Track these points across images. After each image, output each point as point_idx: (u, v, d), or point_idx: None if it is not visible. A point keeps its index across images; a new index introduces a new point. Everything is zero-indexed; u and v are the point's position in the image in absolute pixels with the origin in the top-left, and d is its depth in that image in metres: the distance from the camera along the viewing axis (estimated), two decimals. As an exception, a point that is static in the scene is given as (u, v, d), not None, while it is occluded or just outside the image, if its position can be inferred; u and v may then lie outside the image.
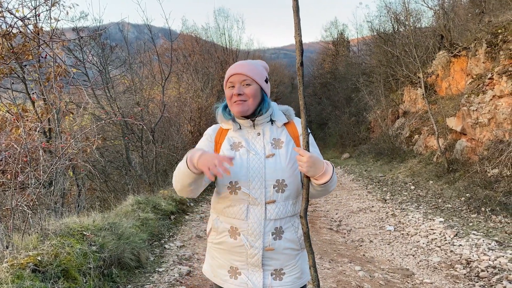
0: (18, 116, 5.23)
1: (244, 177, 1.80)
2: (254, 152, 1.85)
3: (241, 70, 1.86)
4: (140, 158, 10.48)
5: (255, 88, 1.87)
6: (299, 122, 1.97)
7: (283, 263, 1.86)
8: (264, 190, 1.80)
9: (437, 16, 16.53)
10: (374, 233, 6.82)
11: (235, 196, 1.82)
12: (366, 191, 10.81)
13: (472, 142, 9.85)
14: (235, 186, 1.81)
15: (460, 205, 7.72)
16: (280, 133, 1.92)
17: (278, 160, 1.84)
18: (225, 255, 1.90)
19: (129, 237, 4.56)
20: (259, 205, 1.81)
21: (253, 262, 1.83)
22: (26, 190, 4.41)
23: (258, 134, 1.90)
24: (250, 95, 1.85)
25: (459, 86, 13.09)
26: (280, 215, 1.83)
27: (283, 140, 1.90)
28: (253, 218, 1.81)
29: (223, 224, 1.88)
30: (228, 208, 1.85)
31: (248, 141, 1.89)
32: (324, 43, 41.14)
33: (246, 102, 1.85)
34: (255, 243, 1.81)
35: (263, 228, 1.81)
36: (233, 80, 1.86)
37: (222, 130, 1.97)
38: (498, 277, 4.58)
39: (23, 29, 4.94)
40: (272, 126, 1.93)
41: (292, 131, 1.95)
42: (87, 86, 6.39)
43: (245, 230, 1.82)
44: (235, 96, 1.85)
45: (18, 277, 2.85)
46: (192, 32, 27.72)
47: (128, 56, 12.70)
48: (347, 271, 4.87)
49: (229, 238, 1.86)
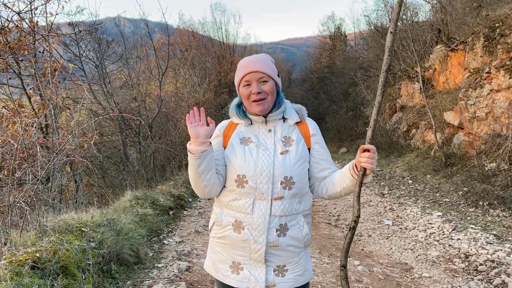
0: (15, 112, 5.18)
1: (251, 171, 1.82)
2: (264, 148, 1.86)
3: (257, 68, 1.84)
4: (138, 154, 10.44)
5: (272, 85, 1.86)
6: (311, 122, 2.00)
7: (286, 260, 1.87)
8: (272, 185, 1.81)
9: (435, 10, 16.51)
10: (373, 227, 6.84)
11: (242, 190, 1.83)
12: (364, 186, 10.83)
13: (469, 136, 9.87)
14: (243, 180, 1.82)
15: (458, 199, 7.75)
16: (291, 132, 1.92)
17: (287, 157, 1.85)
18: (228, 250, 1.89)
19: (128, 233, 4.55)
20: (265, 200, 1.82)
21: (256, 258, 1.84)
22: (24, 186, 4.38)
23: (269, 131, 1.91)
24: (269, 91, 1.85)
25: (457, 80, 13.10)
26: (286, 212, 1.83)
27: (293, 138, 1.90)
28: (258, 212, 1.81)
29: (227, 217, 1.88)
30: (234, 201, 1.86)
31: (258, 137, 1.90)
32: (321, 38, 41.04)
33: (265, 100, 1.85)
34: (259, 238, 1.81)
35: (267, 224, 1.81)
36: (249, 79, 1.84)
37: (232, 124, 1.99)
38: (496, 270, 4.60)
39: (19, 24, 4.88)
40: (284, 123, 1.94)
41: (304, 130, 1.95)
42: (84, 82, 6.34)
43: (249, 224, 1.82)
44: (254, 95, 1.83)
45: (16, 274, 2.83)
46: (189, 27, 27.57)
47: (124, 51, 12.62)
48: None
49: (233, 232, 1.85)
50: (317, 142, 1.96)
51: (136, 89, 11.40)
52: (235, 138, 1.91)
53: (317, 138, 1.97)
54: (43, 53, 5.75)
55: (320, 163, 1.95)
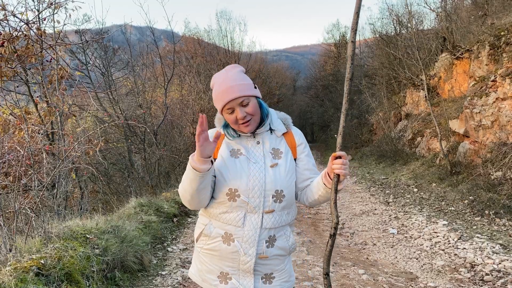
0: (22, 119, 5.23)
1: (244, 185, 1.81)
2: (254, 161, 1.86)
3: (236, 94, 1.80)
4: (143, 161, 10.48)
5: (254, 103, 1.85)
6: (296, 132, 2.02)
7: (273, 268, 1.90)
8: (263, 199, 1.82)
9: (440, 18, 16.51)
10: (377, 236, 6.80)
11: (234, 203, 1.82)
12: (368, 194, 10.78)
13: (475, 144, 9.82)
14: (235, 194, 1.81)
15: (464, 208, 7.69)
16: (279, 143, 1.93)
17: (277, 171, 1.86)
18: (216, 261, 1.89)
19: (132, 240, 4.55)
20: (257, 213, 1.82)
21: (245, 269, 1.84)
22: (29, 193, 4.41)
23: (258, 143, 1.91)
24: (253, 112, 1.84)
25: (462, 88, 13.06)
26: (276, 224, 1.85)
27: (282, 150, 1.92)
28: (249, 225, 1.82)
29: (217, 229, 1.87)
30: (224, 214, 1.85)
31: (247, 149, 1.89)
32: (326, 45, 41.18)
33: (252, 120, 1.84)
34: (249, 250, 1.82)
35: (257, 236, 1.82)
36: (231, 106, 1.82)
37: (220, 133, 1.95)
38: (502, 280, 4.56)
39: (27, 32, 4.95)
40: (271, 135, 1.94)
41: (290, 141, 1.97)
42: (90, 90, 6.39)
43: (240, 237, 1.82)
44: (240, 120, 1.82)
45: (21, 280, 2.84)
46: (195, 34, 27.75)
47: (130, 58, 12.72)
48: (350, 275, 4.85)
49: (222, 244, 1.85)
50: (303, 151, 1.98)
51: (142, 96, 11.48)
52: (224, 150, 1.89)
53: (302, 147, 1.98)
54: (50, 62, 5.82)
55: (304, 173, 1.97)
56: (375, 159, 16.83)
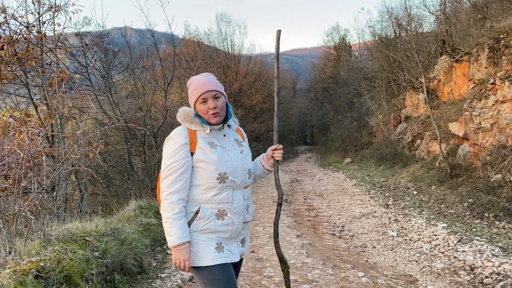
0: (22, 121, 5.23)
1: (230, 168, 2.24)
2: (229, 149, 2.31)
3: (211, 87, 2.23)
4: (143, 163, 10.48)
5: (223, 101, 2.29)
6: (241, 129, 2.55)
7: (246, 233, 2.43)
8: (243, 177, 2.31)
9: (439, 21, 16.54)
10: (377, 238, 6.80)
11: (223, 184, 2.22)
12: (368, 196, 10.78)
13: (474, 147, 9.83)
14: (224, 176, 2.22)
15: (463, 211, 7.69)
16: (236, 135, 2.44)
17: (245, 155, 2.37)
18: (211, 235, 2.22)
19: (132, 242, 4.55)
20: (240, 189, 2.30)
21: (234, 236, 2.29)
22: (29, 195, 4.41)
23: (224, 136, 2.35)
24: (222, 107, 2.26)
25: (461, 91, 13.08)
26: (249, 195, 2.41)
27: (240, 140, 2.44)
28: (237, 200, 2.28)
29: (210, 210, 2.22)
30: (215, 196, 2.22)
31: (218, 140, 2.30)
32: (326, 48, 41.22)
33: (220, 112, 2.25)
34: (237, 219, 2.28)
35: (243, 207, 2.31)
36: (206, 97, 2.23)
37: (191, 131, 2.29)
38: (502, 283, 4.55)
39: (27, 35, 4.96)
40: (229, 129, 2.41)
41: (240, 134, 2.49)
42: (90, 93, 6.40)
43: (231, 210, 2.25)
44: (211, 109, 2.22)
45: (20, 283, 2.85)
46: (195, 37, 27.71)
47: (130, 61, 12.73)
48: (350, 277, 4.84)
49: (217, 220, 2.22)
50: (246, 142, 2.51)
51: (142, 99, 11.48)
52: (203, 143, 2.24)
53: (247, 140, 2.54)
54: (50, 65, 5.82)
55: None
56: (374, 161, 16.83)
